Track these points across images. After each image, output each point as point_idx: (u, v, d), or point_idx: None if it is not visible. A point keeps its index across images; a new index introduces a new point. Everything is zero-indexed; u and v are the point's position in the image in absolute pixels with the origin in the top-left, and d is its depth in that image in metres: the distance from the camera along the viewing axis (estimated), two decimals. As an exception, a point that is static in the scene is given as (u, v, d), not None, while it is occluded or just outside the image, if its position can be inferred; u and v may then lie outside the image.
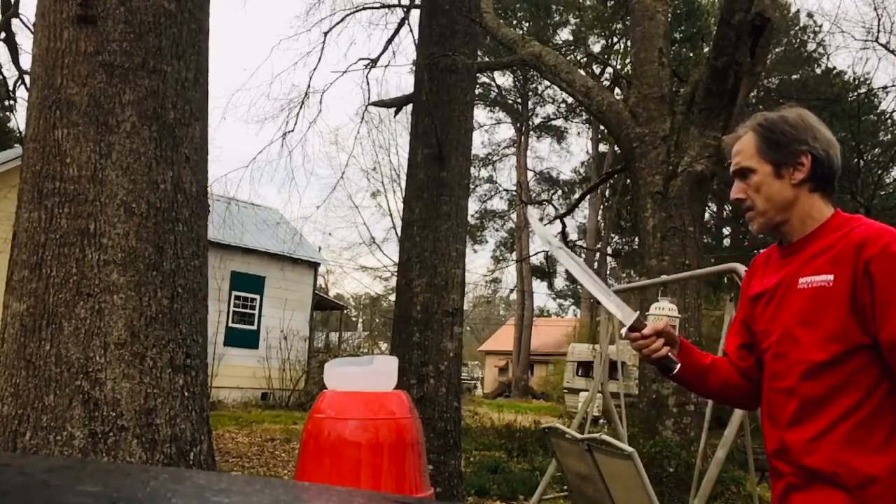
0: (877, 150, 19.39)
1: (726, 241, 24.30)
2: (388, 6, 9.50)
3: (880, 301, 1.45)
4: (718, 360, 1.81)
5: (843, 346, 1.49)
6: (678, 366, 1.71)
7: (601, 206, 28.27)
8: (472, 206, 31.41)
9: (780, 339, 1.60)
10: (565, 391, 20.51)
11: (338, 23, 9.49)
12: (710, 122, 7.50)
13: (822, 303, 1.52)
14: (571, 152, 67.85)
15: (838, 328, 1.49)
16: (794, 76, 20.19)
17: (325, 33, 9.45)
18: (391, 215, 30.93)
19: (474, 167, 30.90)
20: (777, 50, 18.85)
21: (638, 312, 1.74)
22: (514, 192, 32.08)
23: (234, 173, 45.08)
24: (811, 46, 20.26)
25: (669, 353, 1.70)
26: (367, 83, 11.70)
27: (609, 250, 27.28)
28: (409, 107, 7.81)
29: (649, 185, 7.85)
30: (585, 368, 19.71)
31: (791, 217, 1.60)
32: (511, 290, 37.64)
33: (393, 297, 11.38)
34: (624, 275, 28.36)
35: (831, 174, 1.59)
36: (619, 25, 22.85)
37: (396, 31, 9.34)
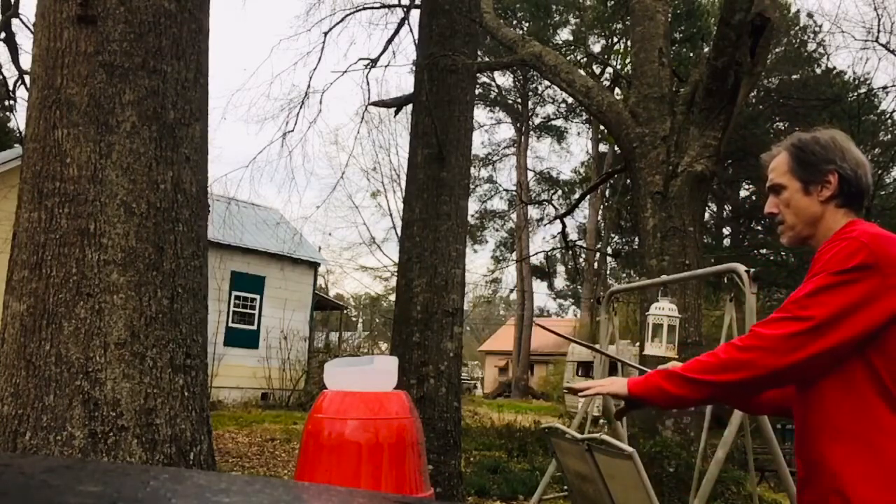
0: (877, 150, 19.39)
1: (726, 241, 24.31)
2: (388, 6, 9.50)
3: None
4: None
5: None
6: None
7: (601, 206, 28.27)
8: (472, 206, 31.45)
9: None
10: (565, 391, 20.50)
11: (338, 23, 9.49)
12: (710, 122, 7.50)
13: None
14: (571, 152, 67.91)
15: None
16: (794, 76, 20.19)
17: (325, 33, 9.45)
18: (391, 215, 30.96)
19: (474, 167, 30.91)
20: (777, 50, 18.85)
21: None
22: (514, 192, 32.08)
23: (234, 173, 45.13)
24: (811, 46, 20.28)
25: None
26: (367, 83, 11.70)
27: (609, 250, 27.28)
28: (409, 107, 7.81)
29: (649, 185, 7.85)
30: (585, 368, 19.72)
31: (817, 231, 1.69)
32: (511, 290, 37.66)
33: (393, 297, 11.38)
34: (624, 275, 28.37)
35: (859, 192, 1.67)
36: (619, 25, 22.85)
37: (396, 31, 9.34)
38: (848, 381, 1.51)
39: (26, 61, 8.32)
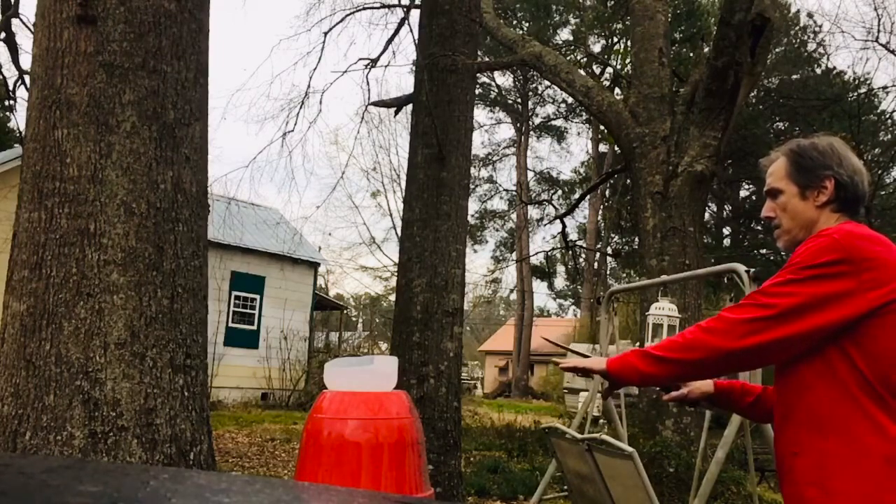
0: (877, 150, 19.38)
1: (726, 241, 24.30)
2: (388, 6, 9.50)
3: None
4: (769, 391, 1.92)
5: None
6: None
7: (601, 206, 28.25)
8: (472, 206, 31.45)
9: None
10: (565, 391, 20.50)
11: (338, 23, 9.50)
12: (710, 122, 7.50)
13: None
14: (571, 152, 68.01)
15: None
16: (794, 76, 20.19)
17: (325, 33, 9.46)
18: (391, 215, 31.00)
19: (474, 167, 30.91)
20: (777, 50, 18.85)
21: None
22: (514, 192, 32.08)
23: (234, 173, 45.24)
24: (811, 46, 20.26)
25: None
26: (367, 83, 11.73)
27: (609, 250, 27.26)
28: (409, 107, 7.80)
29: (649, 185, 7.86)
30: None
31: (810, 236, 1.70)
32: (511, 290, 37.69)
33: (393, 297, 11.38)
34: (624, 275, 28.37)
35: (855, 198, 1.70)
36: (619, 25, 22.84)
37: (396, 31, 9.34)
38: (830, 375, 1.52)
39: (26, 61, 8.31)
